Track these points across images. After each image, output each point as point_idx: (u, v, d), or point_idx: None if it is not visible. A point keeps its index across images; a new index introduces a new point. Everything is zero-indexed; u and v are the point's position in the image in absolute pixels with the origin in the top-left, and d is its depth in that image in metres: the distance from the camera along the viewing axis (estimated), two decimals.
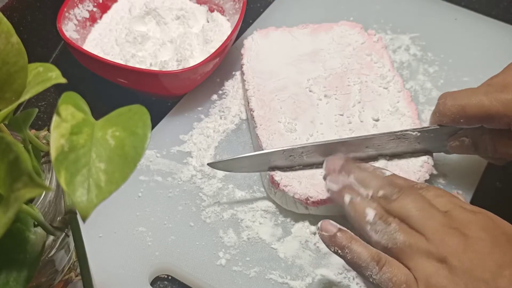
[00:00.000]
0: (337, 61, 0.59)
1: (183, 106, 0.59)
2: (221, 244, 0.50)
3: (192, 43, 0.60)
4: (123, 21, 0.64)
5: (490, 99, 0.47)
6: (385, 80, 0.57)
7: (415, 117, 0.54)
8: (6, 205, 0.25)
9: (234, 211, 0.52)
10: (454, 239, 0.40)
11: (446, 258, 0.39)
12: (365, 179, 0.46)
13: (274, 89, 0.56)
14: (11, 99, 0.29)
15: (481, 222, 0.41)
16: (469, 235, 0.40)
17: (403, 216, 0.43)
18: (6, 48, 0.28)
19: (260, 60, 0.59)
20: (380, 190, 0.45)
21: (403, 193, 0.44)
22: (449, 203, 0.43)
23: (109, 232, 0.50)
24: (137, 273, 0.48)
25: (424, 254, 0.40)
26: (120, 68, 0.56)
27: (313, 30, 0.62)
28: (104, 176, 0.26)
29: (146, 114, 0.28)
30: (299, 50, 0.60)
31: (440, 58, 0.65)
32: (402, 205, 0.43)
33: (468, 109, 0.48)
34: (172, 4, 0.65)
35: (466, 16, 0.69)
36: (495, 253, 0.39)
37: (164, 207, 0.52)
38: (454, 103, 0.48)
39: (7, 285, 0.26)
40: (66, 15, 0.60)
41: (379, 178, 0.46)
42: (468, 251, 0.39)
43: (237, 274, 0.48)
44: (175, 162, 0.55)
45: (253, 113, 0.54)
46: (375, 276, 0.41)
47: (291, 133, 0.52)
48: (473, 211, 0.42)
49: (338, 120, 0.54)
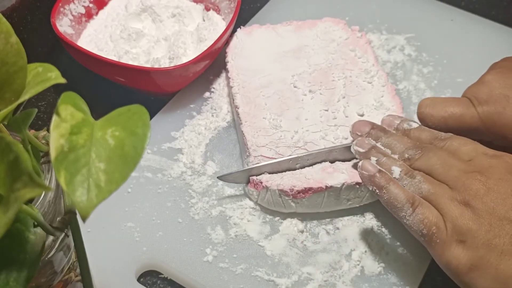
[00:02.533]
0: (321, 57, 0.59)
1: (175, 103, 0.60)
2: (208, 241, 0.50)
3: (186, 41, 0.60)
4: (119, 17, 0.64)
5: (471, 114, 0.48)
6: (369, 74, 0.57)
7: (399, 111, 0.55)
8: (6, 205, 0.25)
9: (222, 208, 0.52)
10: (475, 183, 0.42)
11: (469, 201, 0.42)
12: (390, 144, 0.48)
13: (259, 85, 0.56)
14: (10, 100, 0.29)
15: (502, 165, 0.43)
16: (490, 178, 0.42)
17: (427, 171, 0.45)
18: (5, 48, 0.28)
19: (245, 58, 0.59)
20: (405, 153, 0.47)
21: (426, 150, 0.46)
22: (473, 151, 0.45)
23: (97, 227, 0.50)
24: (125, 268, 0.48)
25: (448, 199, 0.42)
26: (111, 64, 0.56)
27: (297, 27, 0.62)
28: (104, 176, 0.26)
29: (145, 114, 0.29)
30: (284, 47, 0.60)
31: (435, 59, 0.65)
32: (425, 162, 0.45)
33: (449, 122, 0.49)
34: (169, 2, 0.65)
35: (462, 17, 0.69)
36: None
37: (153, 203, 0.52)
38: (434, 114, 0.49)
39: (7, 285, 0.27)
40: (61, 10, 0.60)
41: (403, 142, 0.48)
42: (490, 192, 0.41)
43: (223, 271, 0.48)
44: (165, 158, 0.55)
45: (238, 110, 0.54)
46: (408, 217, 0.43)
47: (276, 129, 0.53)
48: (495, 155, 0.44)
49: (323, 116, 0.54)
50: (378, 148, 0.48)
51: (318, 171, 0.51)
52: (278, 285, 0.47)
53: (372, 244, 0.50)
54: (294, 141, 0.52)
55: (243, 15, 0.70)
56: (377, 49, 0.65)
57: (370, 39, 0.66)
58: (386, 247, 0.50)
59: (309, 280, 0.48)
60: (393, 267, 0.48)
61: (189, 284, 0.48)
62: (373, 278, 0.48)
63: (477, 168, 0.43)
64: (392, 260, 0.49)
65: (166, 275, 0.49)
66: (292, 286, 0.47)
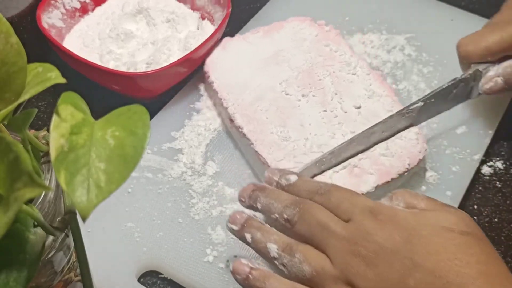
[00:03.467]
0: (300, 58, 0.58)
1: (175, 103, 0.60)
2: (209, 241, 0.50)
3: (172, 48, 0.59)
4: (114, 16, 0.63)
5: (508, 32, 0.51)
6: (351, 66, 0.57)
7: (392, 95, 0.55)
8: (6, 205, 0.25)
9: (223, 208, 0.52)
10: (355, 259, 0.39)
11: (352, 282, 0.39)
12: (268, 205, 0.44)
13: (253, 100, 0.55)
14: (10, 100, 0.29)
15: (379, 231, 0.39)
16: (368, 249, 0.39)
17: (306, 237, 0.42)
18: (5, 48, 0.28)
19: (227, 74, 0.57)
20: (283, 213, 0.43)
21: (303, 210, 0.42)
22: (351, 207, 0.41)
23: (98, 227, 0.50)
24: (125, 269, 0.48)
25: (332, 281, 0.40)
26: (80, 62, 0.56)
27: (265, 32, 0.61)
28: (104, 176, 0.26)
29: (145, 114, 0.29)
30: (260, 55, 0.59)
31: (435, 59, 0.65)
32: (304, 226, 0.42)
33: (493, 48, 0.51)
34: (166, 6, 0.64)
35: (462, 17, 0.69)
36: (396, 262, 0.38)
37: (153, 203, 0.52)
38: (477, 47, 0.51)
39: (7, 285, 0.27)
40: (51, 2, 0.61)
41: (281, 200, 0.44)
42: (370, 268, 0.38)
43: (224, 271, 0.48)
44: (166, 158, 0.55)
45: (243, 130, 0.53)
46: None
47: (287, 141, 0.52)
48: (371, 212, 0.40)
49: (324, 117, 0.54)
50: (252, 222, 0.44)
51: (346, 176, 0.50)
52: None
53: None
54: (307, 147, 0.51)
55: (243, 15, 0.70)
56: (377, 49, 0.65)
57: (370, 39, 0.66)
58: None
59: None
60: None
61: (190, 285, 0.48)
62: None
63: (356, 237, 0.39)
64: None
65: (166, 275, 0.49)
66: None
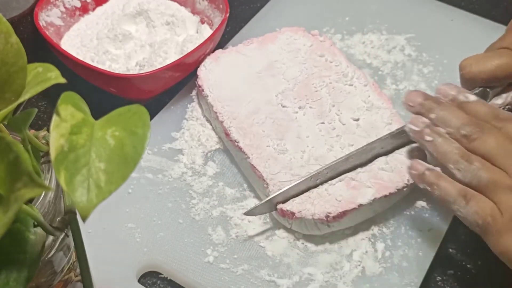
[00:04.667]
0: (295, 69, 0.58)
1: (175, 103, 0.60)
2: (209, 242, 0.50)
3: (168, 51, 0.59)
4: (113, 17, 0.63)
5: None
6: (348, 77, 0.57)
7: (391, 108, 0.55)
8: (6, 205, 0.25)
9: (223, 209, 0.52)
10: None
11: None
12: (445, 118, 0.47)
13: (249, 113, 0.55)
14: (10, 99, 0.29)
15: None
16: None
17: (485, 154, 0.44)
18: (5, 48, 0.28)
19: (222, 87, 0.57)
20: (461, 129, 0.45)
21: (484, 131, 0.45)
22: None
23: (98, 227, 0.50)
24: (125, 269, 0.48)
25: (507, 189, 0.42)
26: (72, 60, 0.56)
27: (259, 43, 0.61)
28: (104, 176, 0.26)
29: (145, 114, 0.29)
30: (255, 67, 0.58)
31: (435, 59, 0.65)
32: (483, 144, 0.44)
33: (498, 73, 0.50)
34: (166, 9, 0.64)
35: (462, 17, 0.69)
36: None
37: (153, 204, 0.52)
38: (482, 69, 0.50)
39: (7, 285, 0.27)
40: (51, 0, 0.61)
41: (459, 117, 0.46)
42: None
43: (224, 272, 0.48)
44: (166, 159, 0.55)
45: (239, 144, 0.52)
46: (462, 210, 0.43)
47: (284, 154, 0.52)
48: None
49: (322, 129, 0.53)
50: (433, 128, 0.47)
51: (343, 188, 0.50)
52: (279, 286, 0.47)
53: (373, 244, 0.50)
54: (304, 160, 0.51)
55: (243, 15, 0.70)
56: (377, 49, 0.65)
57: (371, 39, 0.66)
58: (387, 248, 0.49)
59: (310, 280, 0.47)
60: (394, 268, 0.48)
61: (190, 285, 0.48)
62: (374, 279, 0.48)
63: None
64: (393, 260, 0.49)
65: (166, 276, 0.49)
66: (293, 286, 0.47)
